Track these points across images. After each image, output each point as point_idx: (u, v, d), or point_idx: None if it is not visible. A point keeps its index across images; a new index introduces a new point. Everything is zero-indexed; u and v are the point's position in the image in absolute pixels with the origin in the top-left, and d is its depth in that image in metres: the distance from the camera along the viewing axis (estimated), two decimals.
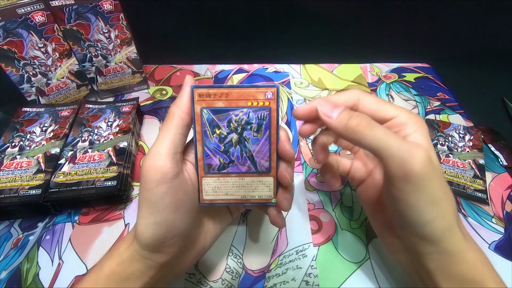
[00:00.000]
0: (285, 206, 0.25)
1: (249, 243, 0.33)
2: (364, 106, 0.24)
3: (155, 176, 0.21)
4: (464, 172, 0.39)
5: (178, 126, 0.22)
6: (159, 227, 0.21)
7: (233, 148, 0.24)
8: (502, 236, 0.34)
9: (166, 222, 0.22)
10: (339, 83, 0.53)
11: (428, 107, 0.49)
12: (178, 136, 0.22)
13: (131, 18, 0.43)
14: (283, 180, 0.24)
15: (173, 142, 0.22)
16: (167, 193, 0.21)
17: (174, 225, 0.22)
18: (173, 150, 0.22)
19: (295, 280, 0.31)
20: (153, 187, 0.21)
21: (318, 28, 0.54)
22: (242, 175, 0.24)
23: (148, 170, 0.21)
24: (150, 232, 0.21)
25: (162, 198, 0.21)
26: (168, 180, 0.21)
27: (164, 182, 0.21)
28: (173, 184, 0.21)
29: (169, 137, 0.22)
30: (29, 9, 0.38)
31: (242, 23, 0.54)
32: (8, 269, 0.31)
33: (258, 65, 0.56)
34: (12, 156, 0.36)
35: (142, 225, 0.22)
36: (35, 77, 0.42)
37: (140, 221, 0.22)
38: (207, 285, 0.30)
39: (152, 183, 0.21)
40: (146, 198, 0.21)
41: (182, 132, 0.22)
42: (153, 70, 0.55)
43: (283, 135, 0.24)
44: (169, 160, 0.21)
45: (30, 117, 0.41)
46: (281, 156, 0.24)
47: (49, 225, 0.35)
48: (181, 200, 0.22)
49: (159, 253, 0.22)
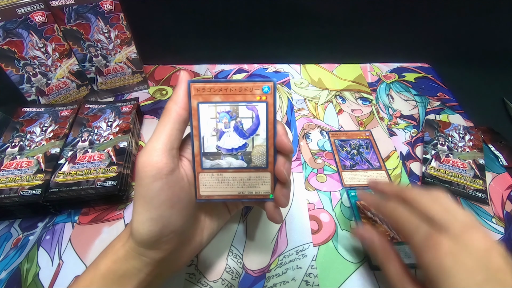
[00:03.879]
0: (283, 202, 0.24)
1: (249, 243, 0.33)
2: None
3: (150, 172, 0.21)
4: (464, 172, 0.39)
5: (174, 121, 0.22)
6: (154, 223, 0.21)
7: None
8: (502, 236, 0.34)
9: (162, 218, 0.21)
10: (339, 83, 0.53)
11: (428, 107, 0.49)
12: (175, 132, 0.22)
13: (131, 18, 0.43)
14: (280, 176, 0.24)
15: (169, 137, 0.21)
16: (163, 189, 0.21)
17: (170, 222, 0.22)
18: (169, 146, 0.21)
19: (295, 280, 0.31)
20: (149, 183, 0.21)
21: (318, 28, 0.54)
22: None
23: (143, 165, 0.21)
24: (146, 228, 0.21)
25: (157, 194, 0.21)
26: (163, 176, 0.21)
27: (159, 178, 0.21)
28: (169, 180, 0.21)
29: (165, 133, 0.21)
30: (29, 9, 0.38)
31: (242, 23, 0.54)
32: (8, 269, 0.31)
33: (258, 65, 0.56)
34: (12, 156, 0.36)
35: (138, 222, 0.21)
36: (35, 77, 0.42)
37: (136, 218, 0.21)
38: (207, 285, 0.30)
39: (147, 179, 0.21)
40: (141, 194, 0.21)
41: (178, 127, 0.22)
42: (153, 70, 0.55)
43: (281, 129, 0.23)
44: (165, 156, 0.21)
45: (30, 117, 0.41)
46: (279, 150, 0.23)
47: (49, 225, 0.35)
48: (177, 196, 0.22)
49: (155, 250, 0.22)
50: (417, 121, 0.47)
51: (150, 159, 0.21)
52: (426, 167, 0.39)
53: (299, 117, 0.47)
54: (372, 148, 0.43)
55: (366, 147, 0.43)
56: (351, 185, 0.38)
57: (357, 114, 0.48)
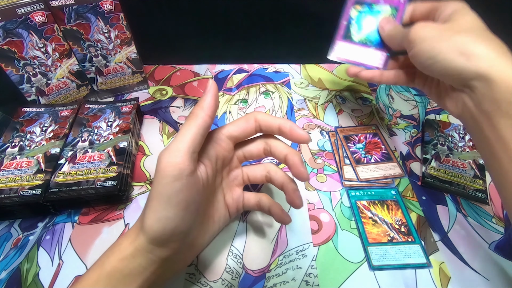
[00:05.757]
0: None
1: (249, 243, 0.33)
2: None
3: (172, 172, 0.21)
4: (464, 172, 0.39)
5: (199, 126, 0.23)
6: (169, 221, 0.22)
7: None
8: (502, 236, 0.34)
9: (176, 217, 0.22)
10: (339, 83, 0.53)
11: (428, 107, 0.49)
12: (198, 137, 0.23)
13: (131, 18, 0.43)
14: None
15: (193, 141, 0.22)
16: (182, 190, 0.22)
17: (183, 222, 0.23)
18: (192, 149, 0.22)
19: (295, 280, 0.31)
20: (170, 182, 0.21)
21: (318, 28, 0.54)
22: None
23: (166, 165, 0.21)
24: (161, 225, 0.22)
25: (176, 194, 0.22)
26: (184, 177, 0.21)
27: (180, 179, 0.21)
28: (188, 181, 0.22)
29: (190, 135, 0.22)
30: (29, 9, 0.38)
31: (242, 23, 0.54)
32: (8, 269, 0.31)
33: (258, 65, 0.56)
34: (12, 156, 0.36)
35: (153, 219, 0.22)
36: (35, 77, 0.42)
37: (151, 215, 0.22)
38: (207, 285, 0.30)
39: (168, 178, 0.21)
40: (160, 192, 0.22)
41: (202, 133, 0.23)
42: (153, 70, 0.55)
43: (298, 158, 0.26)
44: (187, 158, 0.22)
45: (30, 117, 0.41)
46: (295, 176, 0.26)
47: (49, 225, 0.35)
48: (193, 198, 0.23)
49: (163, 248, 0.23)
50: (417, 121, 0.47)
51: (174, 159, 0.21)
52: (426, 167, 0.39)
53: (299, 117, 0.47)
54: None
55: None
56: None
57: (357, 114, 0.48)
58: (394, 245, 0.33)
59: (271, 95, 0.50)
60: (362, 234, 0.34)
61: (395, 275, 0.31)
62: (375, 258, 0.32)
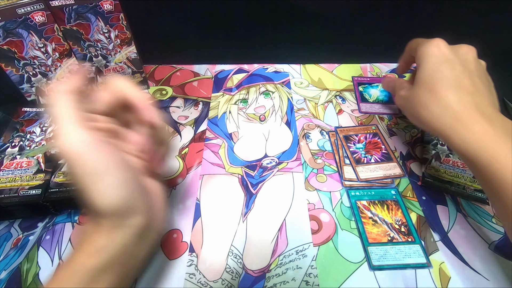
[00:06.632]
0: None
1: (249, 243, 0.33)
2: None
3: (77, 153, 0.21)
4: (464, 172, 0.39)
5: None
6: (121, 185, 0.22)
7: None
8: (502, 236, 0.34)
9: (125, 179, 0.22)
10: (339, 83, 0.53)
11: None
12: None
13: (131, 18, 0.43)
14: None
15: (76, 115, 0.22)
16: (103, 156, 0.21)
17: (132, 182, 0.23)
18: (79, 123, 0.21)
19: (295, 280, 0.31)
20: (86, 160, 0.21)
21: (318, 28, 0.54)
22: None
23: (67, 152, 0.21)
24: (116, 192, 0.21)
25: (101, 162, 0.21)
26: (93, 147, 0.21)
27: (89, 151, 0.21)
28: (99, 147, 0.21)
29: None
30: (29, 9, 0.38)
31: (242, 23, 0.54)
32: (8, 269, 0.31)
33: (258, 65, 0.56)
34: (12, 156, 0.36)
35: (105, 190, 0.21)
36: (35, 77, 0.42)
37: (98, 188, 0.21)
38: (207, 285, 0.30)
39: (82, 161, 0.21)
40: (91, 173, 0.21)
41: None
42: (153, 70, 0.55)
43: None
44: (79, 133, 0.21)
45: (30, 117, 0.41)
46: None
47: (49, 225, 0.35)
48: (119, 158, 0.23)
49: (131, 215, 0.22)
50: None
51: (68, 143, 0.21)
52: (426, 167, 0.39)
53: (299, 117, 0.47)
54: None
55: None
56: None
57: (357, 114, 0.48)
58: (394, 245, 0.33)
59: (271, 95, 0.50)
60: (362, 234, 0.34)
61: (395, 275, 0.31)
62: (375, 258, 0.32)
